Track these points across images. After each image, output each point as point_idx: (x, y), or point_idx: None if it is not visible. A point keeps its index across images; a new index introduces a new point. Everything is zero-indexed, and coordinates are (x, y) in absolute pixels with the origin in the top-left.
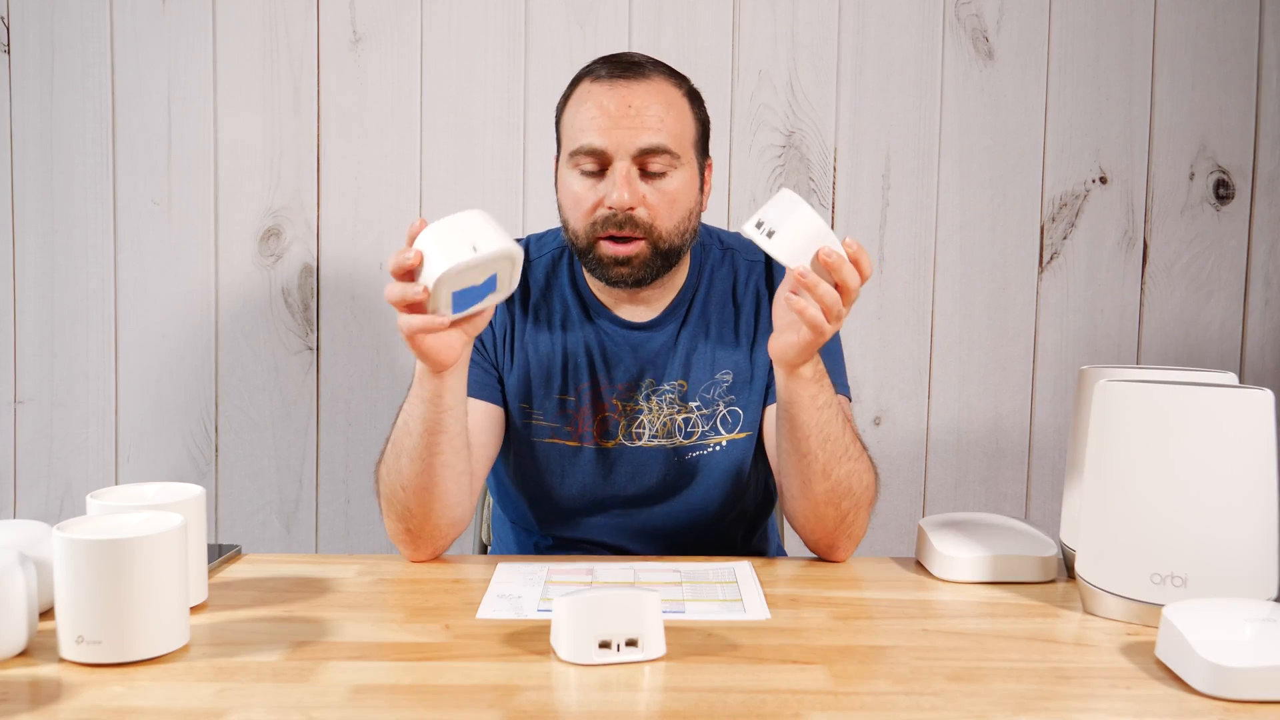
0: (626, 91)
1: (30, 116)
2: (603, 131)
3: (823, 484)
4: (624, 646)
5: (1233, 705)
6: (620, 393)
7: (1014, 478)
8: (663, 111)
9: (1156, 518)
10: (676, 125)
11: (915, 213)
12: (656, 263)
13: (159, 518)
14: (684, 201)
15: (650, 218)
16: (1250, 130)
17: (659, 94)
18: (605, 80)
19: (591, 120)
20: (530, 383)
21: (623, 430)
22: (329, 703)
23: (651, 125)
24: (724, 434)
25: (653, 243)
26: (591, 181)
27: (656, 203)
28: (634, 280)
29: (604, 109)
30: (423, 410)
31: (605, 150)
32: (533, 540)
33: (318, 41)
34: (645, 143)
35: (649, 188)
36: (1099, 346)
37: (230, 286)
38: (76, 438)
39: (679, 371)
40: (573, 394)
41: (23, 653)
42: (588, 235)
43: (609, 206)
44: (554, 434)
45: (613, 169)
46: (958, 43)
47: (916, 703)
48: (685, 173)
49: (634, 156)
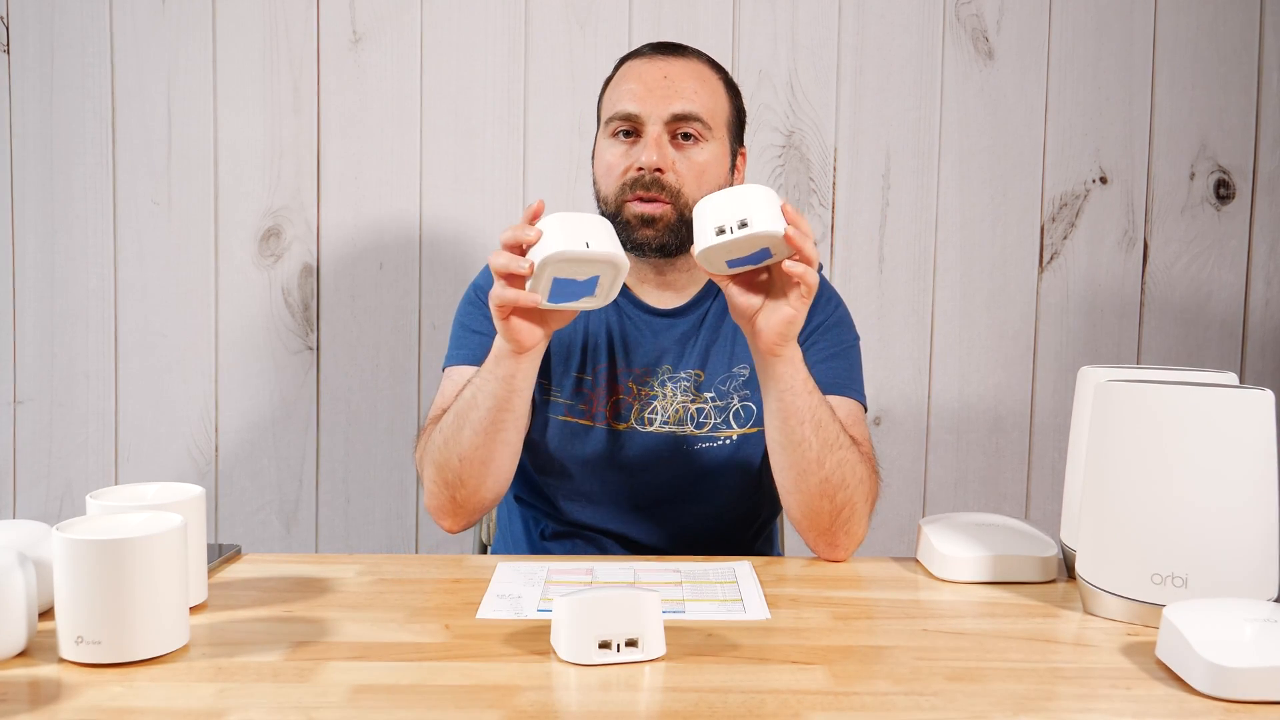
0: (665, 65)
1: (30, 116)
2: (638, 99)
3: (817, 474)
4: (624, 646)
5: (1233, 705)
6: (636, 376)
7: (1014, 478)
8: (697, 85)
9: (1156, 518)
10: (710, 100)
11: (915, 213)
12: (681, 230)
13: (159, 518)
14: (712, 174)
15: (678, 183)
16: (1250, 130)
17: (695, 71)
18: (646, 57)
19: (630, 90)
20: (550, 360)
21: (635, 414)
22: (329, 703)
23: (685, 94)
24: (736, 428)
25: (679, 209)
26: (625, 148)
27: (685, 170)
28: (658, 244)
29: (642, 79)
30: (494, 388)
31: (639, 115)
32: (539, 529)
33: (318, 41)
34: (678, 109)
35: (679, 154)
36: (1099, 346)
37: (230, 286)
38: (76, 438)
39: (697, 361)
40: (590, 373)
41: (22, 653)
42: (618, 197)
43: (638, 168)
44: (568, 411)
45: (645, 133)
46: (958, 43)
47: (916, 703)
48: (715, 147)
49: (666, 122)
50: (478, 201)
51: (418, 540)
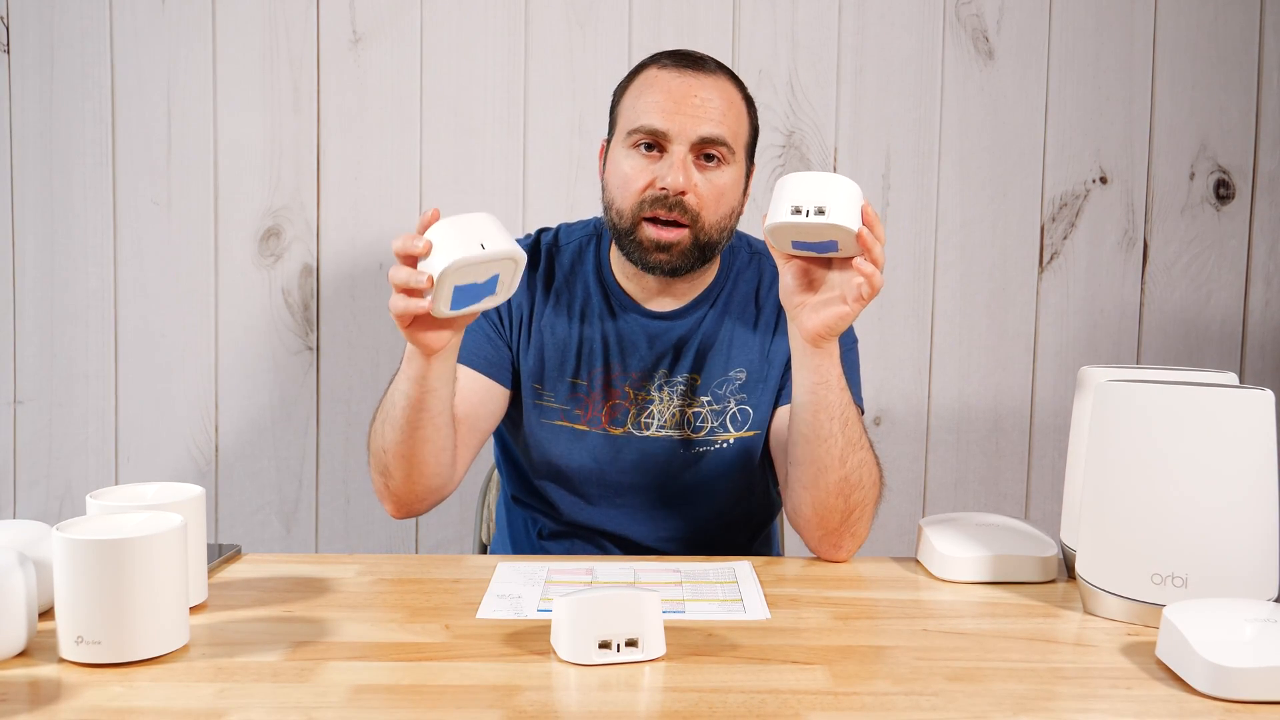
0: (694, 81)
1: (30, 116)
2: (666, 115)
3: (838, 471)
4: (624, 646)
5: (1233, 705)
6: (634, 381)
7: (1014, 478)
8: (725, 106)
9: (1156, 518)
10: (735, 123)
11: (915, 213)
12: (694, 254)
13: (159, 518)
14: (730, 198)
15: (698, 206)
16: (1250, 130)
17: (722, 90)
18: (673, 68)
19: (656, 103)
20: (544, 364)
21: (632, 418)
22: (329, 703)
23: (714, 117)
24: (733, 431)
25: (695, 233)
26: (645, 162)
27: (706, 193)
28: (670, 268)
29: (670, 93)
30: (407, 388)
31: (667, 132)
32: (537, 529)
33: (318, 41)
34: (706, 132)
35: (701, 177)
36: (1099, 346)
37: (230, 286)
38: (76, 438)
39: (693, 364)
40: (585, 378)
41: (22, 653)
42: (633, 214)
43: (661, 187)
44: (563, 416)
45: (670, 152)
46: (958, 43)
47: (916, 703)
48: (735, 170)
49: (693, 144)
50: (477, 201)
51: (418, 540)
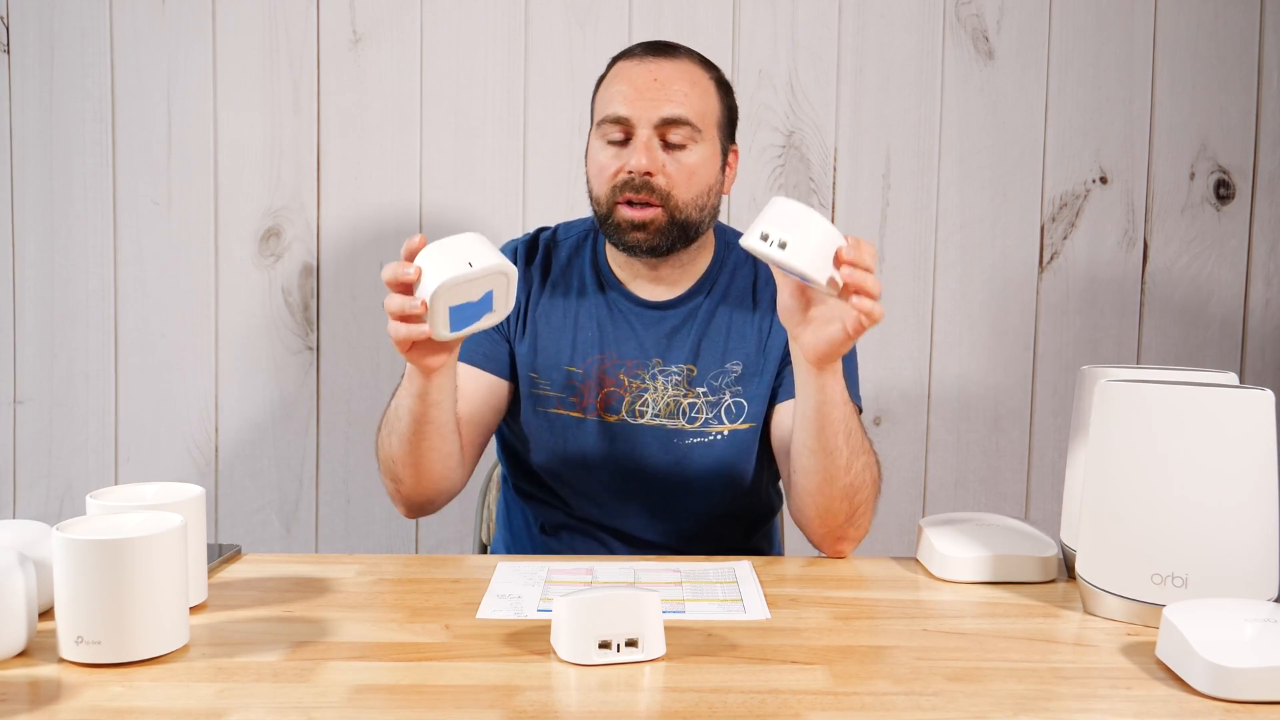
0: (655, 67)
1: (30, 116)
2: (628, 101)
3: (844, 479)
4: (624, 646)
5: (1233, 706)
6: (628, 369)
7: (1014, 478)
8: (687, 88)
9: (1156, 518)
10: (700, 103)
11: (915, 213)
12: (673, 232)
13: (159, 518)
14: (703, 176)
15: (668, 186)
16: (1250, 130)
17: (685, 73)
18: (637, 58)
19: (620, 93)
20: (541, 353)
21: (626, 406)
22: (329, 703)
23: (675, 99)
24: (727, 423)
25: (669, 212)
26: (616, 150)
27: (675, 173)
28: (649, 247)
29: (632, 82)
30: (410, 403)
31: (629, 119)
32: (539, 522)
33: (318, 41)
34: (668, 113)
35: (669, 158)
36: (1099, 346)
37: (230, 286)
38: (76, 438)
39: (688, 355)
40: (580, 366)
41: (22, 653)
42: (608, 200)
43: (628, 171)
44: (559, 404)
45: (636, 136)
46: (958, 43)
47: (916, 703)
48: (706, 149)
49: (655, 126)
50: (478, 201)
51: (418, 540)
